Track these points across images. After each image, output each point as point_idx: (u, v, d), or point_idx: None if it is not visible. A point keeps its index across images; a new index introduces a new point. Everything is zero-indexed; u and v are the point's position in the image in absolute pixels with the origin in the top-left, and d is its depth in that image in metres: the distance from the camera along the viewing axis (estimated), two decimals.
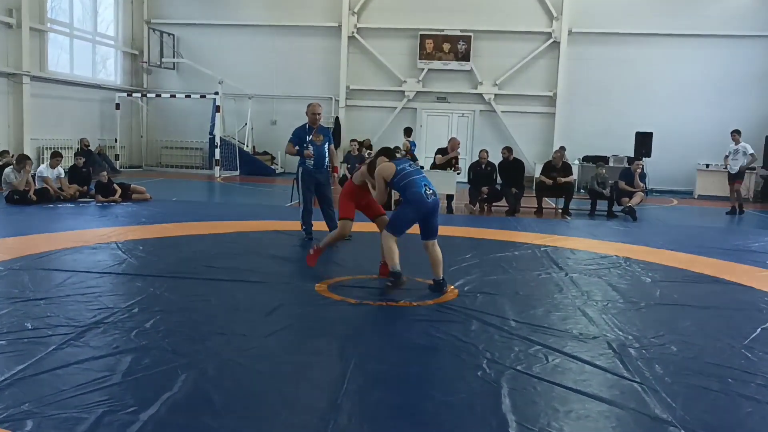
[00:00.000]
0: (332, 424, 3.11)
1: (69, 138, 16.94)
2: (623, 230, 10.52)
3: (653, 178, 17.28)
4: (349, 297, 5.51)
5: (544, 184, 12.53)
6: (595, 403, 3.50)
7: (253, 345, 4.26)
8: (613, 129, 18.71)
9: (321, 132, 8.35)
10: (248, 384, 3.63)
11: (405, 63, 20.04)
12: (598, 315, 5.25)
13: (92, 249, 7.17)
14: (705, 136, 18.50)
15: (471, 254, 7.79)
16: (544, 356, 4.20)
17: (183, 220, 9.48)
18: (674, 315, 5.38)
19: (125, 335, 4.30)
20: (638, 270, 7.16)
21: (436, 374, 3.87)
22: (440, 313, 5.21)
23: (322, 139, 8.28)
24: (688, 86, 18.77)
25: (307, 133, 8.27)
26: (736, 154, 13.64)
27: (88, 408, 3.16)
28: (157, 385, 3.49)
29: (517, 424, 3.18)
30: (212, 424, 3.07)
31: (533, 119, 19.79)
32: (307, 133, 8.27)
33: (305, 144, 8.21)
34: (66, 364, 3.74)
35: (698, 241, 9.48)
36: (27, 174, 10.93)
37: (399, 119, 20.14)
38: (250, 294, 5.60)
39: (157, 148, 21.17)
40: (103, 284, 5.68)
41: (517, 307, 5.45)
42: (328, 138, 8.43)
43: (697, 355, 4.35)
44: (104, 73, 20.00)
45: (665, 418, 3.31)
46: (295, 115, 20.13)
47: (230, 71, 19.48)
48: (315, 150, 8.19)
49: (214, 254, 7.16)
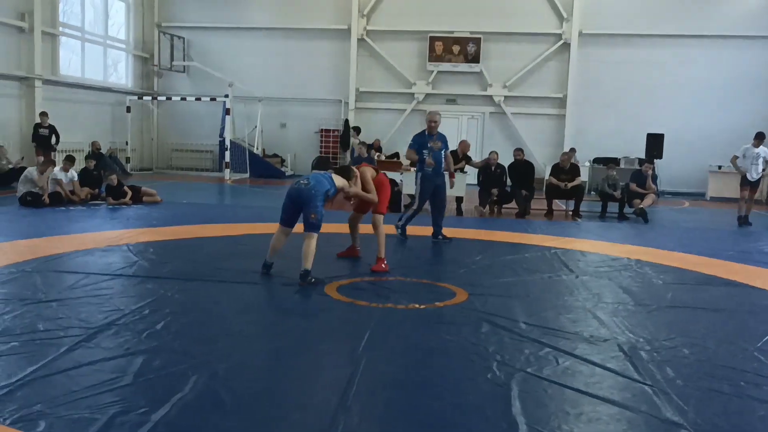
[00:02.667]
0: (342, 425, 3.11)
1: (80, 141, 17.03)
2: (634, 232, 10.47)
3: (664, 179, 17.21)
4: (358, 299, 5.51)
5: (553, 186, 12.50)
6: (606, 406, 3.48)
7: (263, 346, 4.28)
8: (623, 131, 18.63)
9: (439, 139, 8.69)
10: (258, 385, 3.64)
11: (414, 65, 20.04)
12: (609, 317, 5.22)
13: (103, 251, 7.21)
14: (717, 137, 18.37)
15: (481, 256, 7.78)
16: (554, 359, 4.18)
17: (193, 222, 9.51)
18: (686, 318, 5.35)
19: (136, 337, 4.32)
20: (649, 272, 7.12)
21: (445, 376, 3.87)
22: (450, 315, 5.20)
23: (440, 146, 8.67)
24: (699, 87, 18.67)
25: (427, 140, 8.63)
26: (756, 159, 12.08)
27: (100, 409, 3.18)
28: (168, 386, 3.50)
29: (527, 426, 3.17)
30: (223, 425, 3.08)
31: (543, 121, 19.75)
32: (426, 140, 8.63)
33: (425, 150, 8.58)
34: (78, 365, 3.76)
35: (710, 243, 9.43)
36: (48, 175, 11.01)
37: (409, 122, 20.14)
38: (260, 295, 5.62)
39: (167, 151, 21.27)
40: (115, 286, 5.71)
41: (527, 309, 5.43)
42: (446, 145, 8.82)
43: (709, 358, 4.32)
44: (115, 77, 20.12)
45: (677, 421, 3.29)
46: (305, 118, 20.41)
47: (240, 74, 19.54)
48: (434, 156, 8.57)
49: (225, 256, 7.19)
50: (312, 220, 6.07)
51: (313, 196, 6.08)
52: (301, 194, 6.15)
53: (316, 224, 6.09)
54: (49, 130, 14.71)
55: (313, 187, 6.12)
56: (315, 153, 20.34)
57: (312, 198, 6.08)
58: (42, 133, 14.64)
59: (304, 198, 6.12)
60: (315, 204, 6.07)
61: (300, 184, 6.21)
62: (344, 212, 7.41)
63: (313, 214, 6.07)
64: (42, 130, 14.65)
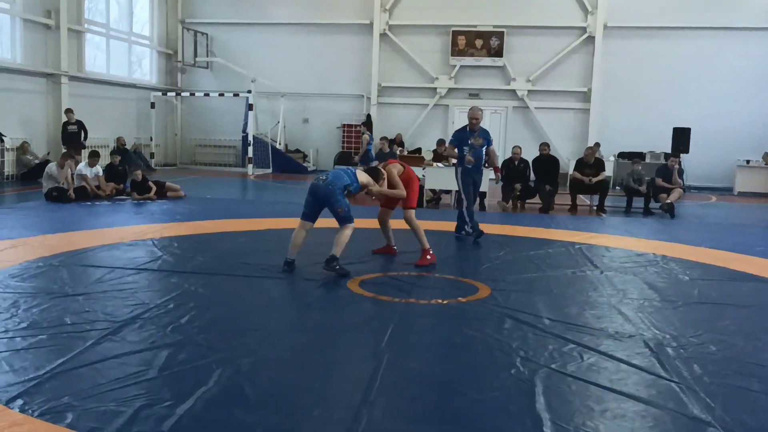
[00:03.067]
0: (365, 420, 3.11)
1: (106, 137, 17.23)
2: (660, 227, 10.34)
3: (691, 174, 16.98)
4: (382, 294, 5.51)
5: (577, 181, 12.38)
6: (631, 403, 3.45)
7: (286, 341, 4.29)
8: (649, 125, 18.40)
9: (481, 135, 8.59)
10: (282, 380, 3.65)
11: (437, 60, 19.97)
12: (634, 313, 5.17)
13: (129, 246, 7.29)
14: (744, 131, 18.12)
15: (504, 251, 7.74)
16: (578, 355, 4.15)
17: (217, 217, 9.58)
18: (713, 314, 5.28)
19: (161, 330, 4.36)
20: (676, 268, 7.03)
21: (468, 372, 3.85)
22: (473, 310, 5.18)
23: (481, 142, 8.58)
24: (727, 80, 18.36)
25: (468, 136, 8.55)
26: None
27: (126, 401, 3.21)
28: (193, 379, 3.53)
29: (551, 423, 3.15)
30: (247, 419, 3.10)
31: (567, 115, 19.58)
32: (467, 136, 8.55)
33: (466, 147, 8.51)
34: (104, 358, 3.81)
35: (738, 238, 9.28)
36: (68, 170, 11.16)
37: (431, 116, 20.11)
38: (284, 290, 5.64)
39: (191, 146, 21.44)
40: (140, 280, 5.77)
41: (551, 305, 5.39)
42: (488, 140, 8.68)
43: (736, 354, 4.26)
44: (140, 73, 20.31)
45: (704, 419, 3.25)
46: (327, 113, 20.44)
47: (263, 70, 19.63)
48: (474, 153, 8.50)
49: (248, 251, 7.23)
50: (341, 213, 6.21)
51: (332, 192, 6.17)
52: (319, 190, 6.26)
53: (345, 216, 6.21)
54: (77, 126, 14.83)
55: (331, 182, 6.20)
56: (337, 148, 20.40)
57: (331, 194, 6.18)
58: (71, 129, 14.76)
59: (322, 194, 6.23)
60: (336, 199, 6.17)
61: (319, 180, 6.32)
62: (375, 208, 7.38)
63: (339, 208, 6.19)
64: (71, 126, 14.77)
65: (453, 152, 8.74)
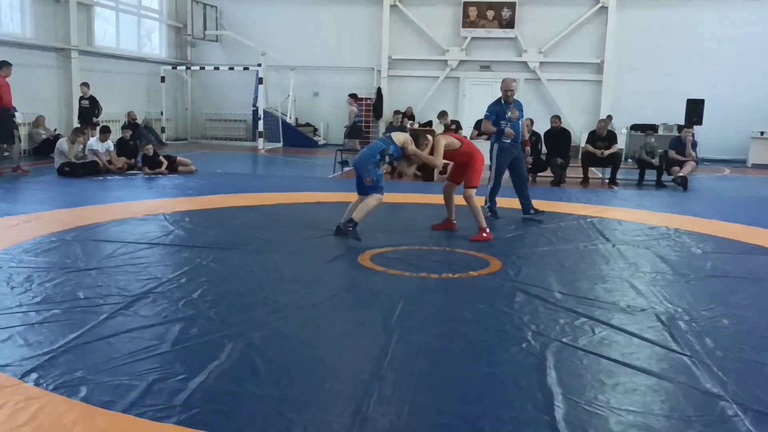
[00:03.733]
0: (376, 394, 3.13)
1: (116, 111, 17.22)
2: (673, 200, 10.26)
3: (704, 146, 16.75)
4: (392, 268, 5.51)
5: (590, 153, 12.28)
6: (643, 377, 3.44)
7: (297, 315, 4.31)
8: (663, 96, 18.14)
9: (516, 107, 8.21)
10: (293, 354, 3.67)
11: (448, 32, 19.73)
12: (647, 287, 5.14)
13: (140, 220, 7.32)
14: (759, 102, 17.84)
15: (515, 225, 7.71)
16: (590, 328, 4.14)
17: (228, 192, 9.59)
18: (726, 288, 5.24)
19: (173, 305, 4.38)
20: (688, 241, 6.99)
21: (479, 346, 3.85)
22: (484, 284, 5.18)
23: (518, 115, 8.19)
24: (741, 50, 18.03)
25: (505, 108, 8.15)
26: None
27: (139, 375, 3.24)
28: (205, 354, 3.55)
29: (563, 396, 3.15)
30: (258, 393, 3.12)
31: (580, 87, 19.34)
32: (504, 109, 8.15)
33: (503, 121, 8.09)
34: (117, 332, 3.84)
35: (752, 211, 9.20)
36: (78, 146, 11.19)
37: (442, 89, 19.93)
38: (295, 265, 5.65)
39: (201, 121, 21.41)
40: (152, 255, 5.80)
41: (562, 278, 5.38)
42: (522, 114, 8.32)
43: (750, 329, 4.24)
44: (149, 47, 20.23)
45: (717, 393, 3.24)
46: (337, 86, 20.31)
47: (272, 43, 19.49)
48: (512, 126, 8.11)
49: (259, 225, 7.24)
50: (368, 183, 6.49)
51: (363, 161, 6.50)
52: (355, 163, 6.68)
53: (373, 186, 6.47)
54: (89, 101, 14.72)
55: (363, 153, 6.59)
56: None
57: (362, 164, 6.50)
58: (83, 105, 14.66)
59: (357, 166, 6.62)
60: (366, 168, 6.47)
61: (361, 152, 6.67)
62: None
63: (367, 177, 6.48)
64: (83, 102, 14.66)
65: (490, 127, 8.19)
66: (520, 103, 8.39)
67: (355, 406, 3.00)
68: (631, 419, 2.96)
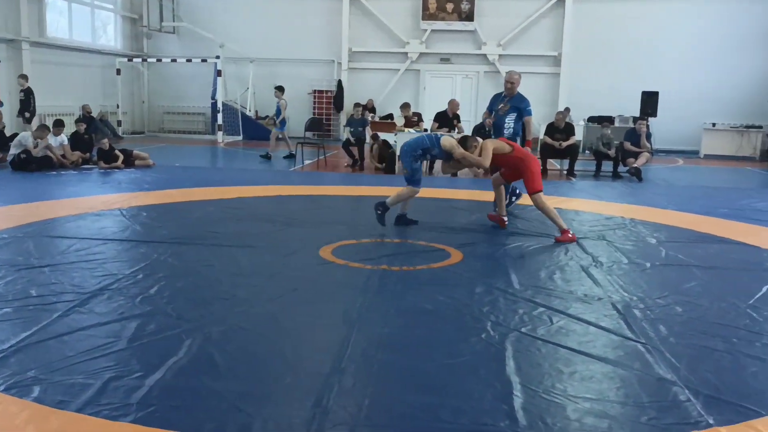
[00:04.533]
0: (336, 386, 3.12)
1: (70, 104, 16.83)
2: (628, 191, 10.47)
3: (659, 138, 17.14)
4: (353, 261, 5.51)
5: (548, 145, 12.43)
6: (599, 364, 3.51)
7: (257, 309, 4.27)
8: (619, 89, 18.47)
9: (512, 102, 7.99)
10: (252, 348, 3.64)
11: (408, 24, 19.76)
12: (603, 276, 5.24)
13: (96, 216, 7.17)
14: (711, 94, 18.29)
15: (475, 217, 7.77)
16: (548, 318, 4.20)
17: (186, 186, 9.46)
18: (679, 275, 5.37)
19: (130, 301, 4.31)
20: (643, 231, 7.13)
21: (440, 337, 3.88)
22: (444, 276, 5.21)
23: (506, 110, 7.98)
24: (693, 44, 18.46)
25: (499, 101, 8.15)
26: None
27: (95, 374, 3.18)
28: (163, 350, 3.50)
29: (521, 386, 3.19)
30: (217, 388, 3.09)
31: (538, 80, 19.54)
32: (497, 101, 8.18)
33: (492, 112, 8.16)
34: (71, 330, 3.75)
35: (704, 201, 9.43)
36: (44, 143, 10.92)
37: (402, 81, 19.96)
38: (254, 259, 5.60)
39: (159, 114, 21.07)
40: (108, 251, 5.69)
41: (521, 269, 5.45)
42: (517, 109, 7.95)
43: (701, 315, 4.35)
44: (105, 39, 19.80)
45: (669, 379, 3.32)
46: (297, 79, 20.16)
47: (231, 35, 19.27)
48: (497, 120, 8.01)
49: (218, 220, 7.15)
50: (404, 174, 6.98)
51: (404, 153, 6.93)
52: (402, 149, 7.06)
53: (408, 178, 6.91)
54: (24, 93, 13.90)
55: (407, 144, 6.95)
56: (308, 115, 20.15)
57: (403, 155, 6.95)
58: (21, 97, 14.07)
59: (402, 153, 7.01)
60: (405, 160, 6.91)
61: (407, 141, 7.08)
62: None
63: (405, 169, 6.96)
64: (21, 94, 13.97)
65: (487, 119, 8.24)
66: (522, 99, 8.05)
67: (315, 399, 2.99)
68: (588, 407, 3.02)
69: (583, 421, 2.89)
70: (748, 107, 18.09)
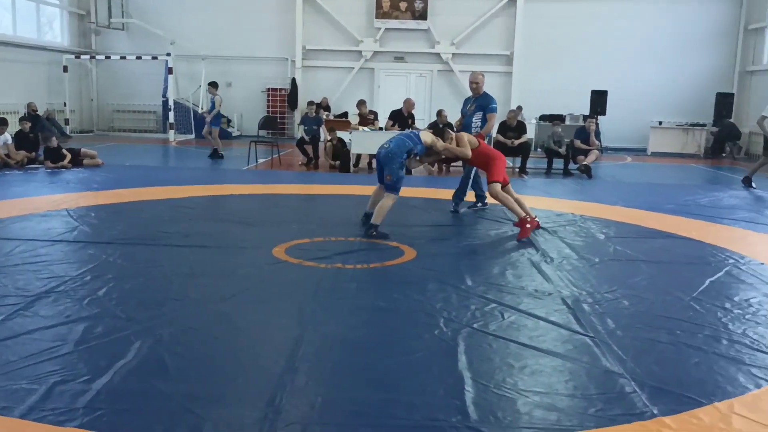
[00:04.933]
0: (289, 386, 3.11)
1: (15, 102, 16.34)
2: (579, 188, 10.67)
3: (608, 136, 17.51)
4: (307, 260, 5.49)
5: (500, 143, 12.57)
6: (548, 358, 3.57)
7: (208, 310, 4.22)
8: (569, 87, 18.79)
9: (477, 101, 8.07)
10: (204, 349, 3.60)
11: (362, 22, 19.75)
12: (553, 272, 5.33)
13: (42, 216, 6.99)
14: (658, 93, 18.78)
15: (428, 214, 7.82)
16: (500, 313, 4.25)
17: (137, 186, 9.28)
18: (627, 270, 5.50)
19: (77, 304, 4.21)
20: (593, 227, 7.28)
21: (393, 335, 3.89)
22: (399, 274, 5.23)
23: (473, 110, 8.08)
24: (641, 43, 18.91)
25: (469, 102, 8.23)
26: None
27: (39, 378, 3.10)
28: (111, 353, 3.43)
29: (472, 381, 3.23)
30: (167, 390, 3.04)
31: (491, 79, 19.42)
32: (466, 104, 8.27)
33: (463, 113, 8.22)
34: (15, 334, 3.65)
35: (651, 197, 9.68)
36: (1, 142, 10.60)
37: (357, 80, 19.95)
38: (206, 259, 5.53)
39: (108, 112, 20.62)
40: (54, 252, 5.54)
41: (474, 266, 5.51)
42: (481, 108, 7.99)
43: (647, 308, 4.46)
44: (51, 35, 19.27)
45: (616, 371, 3.40)
46: (251, 77, 19.99)
47: (182, 32, 18.96)
48: (465, 120, 8.12)
49: (169, 219, 7.04)
50: (387, 181, 6.51)
51: (390, 159, 6.47)
52: (380, 157, 6.61)
53: (391, 185, 6.50)
54: None
55: (390, 150, 6.50)
56: (262, 113, 19.99)
57: (389, 161, 6.48)
58: None
59: (382, 160, 6.57)
60: (391, 166, 6.47)
61: (382, 147, 6.59)
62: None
63: (388, 175, 6.49)
64: None
65: (459, 121, 8.36)
66: (488, 98, 8.08)
67: (268, 398, 2.97)
68: (537, 400, 3.07)
69: (533, 414, 2.95)
70: (692, 106, 18.64)
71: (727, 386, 3.27)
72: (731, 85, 18.83)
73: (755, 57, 18.62)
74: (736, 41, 18.94)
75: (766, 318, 4.32)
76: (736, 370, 3.47)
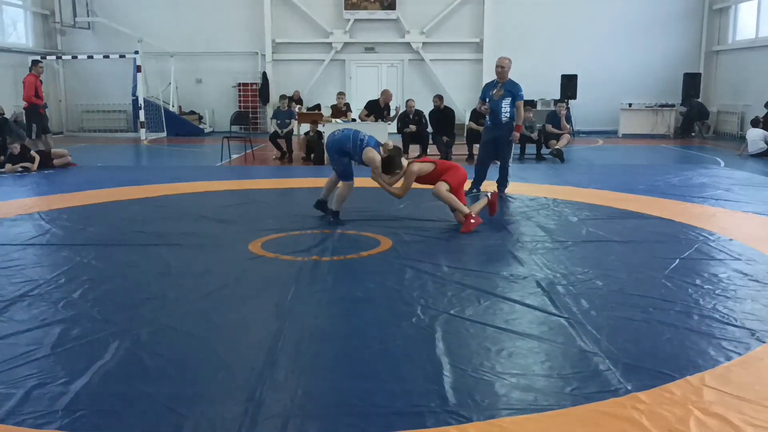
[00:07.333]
0: (269, 380, 3.13)
1: None
2: (551, 172, 10.77)
3: (579, 119, 17.68)
4: (283, 254, 5.49)
5: (473, 130, 12.63)
6: (525, 341, 3.63)
7: (186, 308, 4.22)
8: (539, 73, 18.79)
9: (505, 87, 8.04)
10: (183, 348, 3.60)
11: (331, 14, 19.66)
12: (528, 256, 5.40)
13: (13, 221, 6.90)
14: (627, 75, 18.96)
15: (404, 204, 7.84)
16: (476, 299, 4.30)
17: (109, 186, 9.19)
18: (599, 251, 5.59)
19: (52, 307, 4.18)
20: (566, 210, 7.37)
21: (372, 324, 3.92)
22: (375, 264, 5.26)
23: (501, 94, 8.02)
24: (609, 26, 19.06)
25: (492, 87, 8.15)
26: None
27: (16, 383, 3.09)
28: (89, 355, 3.42)
29: (450, 366, 3.27)
30: (147, 390, 3.04)
31: (462, 66, 19.84)
32: (490, 88, 8.18)
33: (486, 99, 8.17)
34: None
35: (622, 178, 9.81)
36: None
37: (328, 72, 19.89)
38: (182, 257, 5.51)
39: (77, 113, 20.33)
40: (27, 256, 5.49)
41: (449, 252, 5.56)
42: (511, 94, 8.02)
43: (620, 287, 4.54)
44: (15, 36, 18.92)
45: (591, 350, 3.46)
46: (221, 72, 19.83)
47: (149, 29, 18.73)
48: (492, 105, 8.06)
49: (143, 219, 6.99)
50: (336, 170, 6.80)
51: (330, 149, 6.74)
52: (327, 142, 6.83)
53: (340, 173, 6.76)
54: None
55: (335, 140, 6.65)
56: (234, 108, 19.86)
57: (331, 150, 6.74)
58: None
59: (328, 149, 6.86)
60: (332, 157, 6.76)
61: (334, 133, 6.77)
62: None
63: (335, 165, 6.81)
64: None
65: (482, 107, 8.29)
66: (515, 84, 8.10)
67: (248, 393, 2.99)
68: (514, 381, 3.12)
69: (510, 395, 3.00)
70: (661, 87, 18.85)
71: (699, 359, 3.35)
72: (698, 65, 19.09)
73: (720, 37, 18.88)
74: (702, 21, 19.19)
75: (735, 292, 4.43)
76: (707, 344, 3.55)
